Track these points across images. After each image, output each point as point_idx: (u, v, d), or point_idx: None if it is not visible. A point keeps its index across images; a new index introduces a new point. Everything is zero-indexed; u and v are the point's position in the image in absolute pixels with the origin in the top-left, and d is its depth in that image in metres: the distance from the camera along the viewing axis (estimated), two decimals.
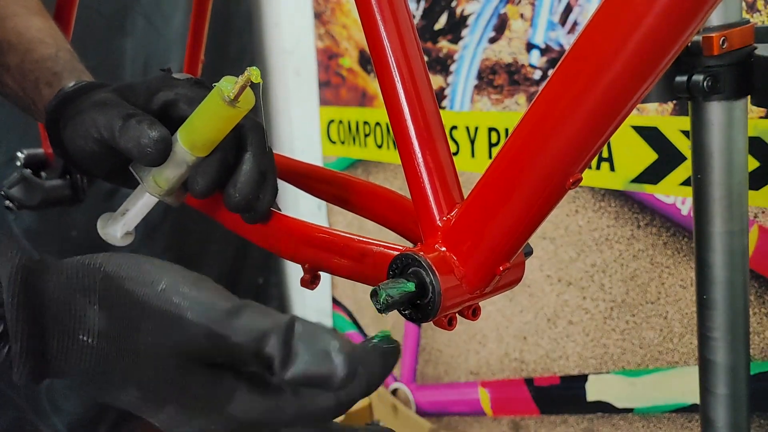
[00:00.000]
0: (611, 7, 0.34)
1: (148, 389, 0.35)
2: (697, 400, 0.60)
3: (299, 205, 1.60)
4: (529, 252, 0.45)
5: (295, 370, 0.34)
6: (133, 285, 0.35)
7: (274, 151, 0.55)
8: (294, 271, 1.77)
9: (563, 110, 0.36)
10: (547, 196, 0.39)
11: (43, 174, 0.94)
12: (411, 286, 0.41)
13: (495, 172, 0.41)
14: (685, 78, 0.52)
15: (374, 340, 0.37)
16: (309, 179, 0.63)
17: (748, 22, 0.53)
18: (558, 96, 0.36)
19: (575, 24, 1.08)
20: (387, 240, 0.47)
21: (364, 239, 0.48)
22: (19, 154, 0.94)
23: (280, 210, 0.56)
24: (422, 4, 1.33)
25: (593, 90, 0.35)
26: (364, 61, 1.52)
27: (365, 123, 1.52)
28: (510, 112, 1.20)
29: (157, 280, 0.35)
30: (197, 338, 0.34)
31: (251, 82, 0.46)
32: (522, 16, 1.16)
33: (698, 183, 0.55)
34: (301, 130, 1.72)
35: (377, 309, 0.40)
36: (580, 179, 0.38)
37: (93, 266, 0.36)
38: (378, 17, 0.47)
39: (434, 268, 0.41)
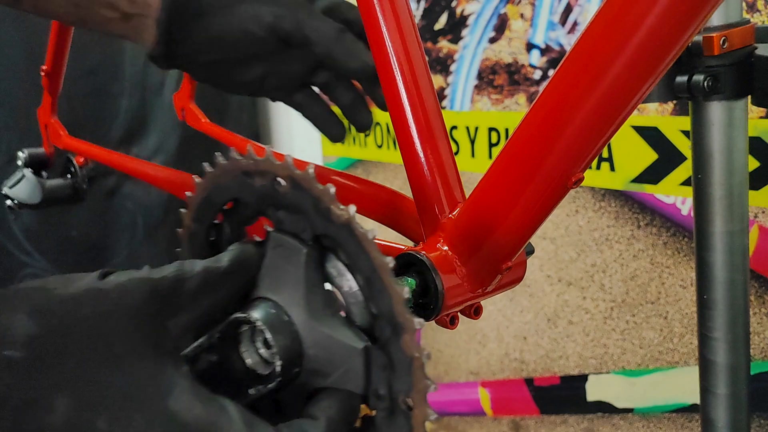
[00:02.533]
0: (612, 7, 0.34)
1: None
2: (697, 400, 0.60)
3: None
4: (530, 251, 0.45)
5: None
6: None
7: (273, 151, 0.55)
8: None
9: (565, 110, 0.36)
10: (549, 195, 0.39)
11: (44, 173, 0.94)
12: (413, 285, 0.41)
13: (497, 171, 0.41)
14: (685, 78, 0.52)
15: None
16: None
17: (748, 22, 0.53)
18: (560, 96, 0.37)
19: (575, 24, 1.08)
20: (389, 239, 0.47)
21: None
22: (20, 153, 0.95)
23: None
24: (422, 4, 1.33)
25: (595, 90, 0.35)
26: None
27: None
28: (510, 112, 1.20)
29: None
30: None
31: None
32: (522, 16, 1.16)
33: (698, 183, 0.55)
34: (301, 130, 1.72)
35: None
36: (582, 178, 0.38)
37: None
38: (380, 17, 0.47)
39: (436, 267, 0.41)
